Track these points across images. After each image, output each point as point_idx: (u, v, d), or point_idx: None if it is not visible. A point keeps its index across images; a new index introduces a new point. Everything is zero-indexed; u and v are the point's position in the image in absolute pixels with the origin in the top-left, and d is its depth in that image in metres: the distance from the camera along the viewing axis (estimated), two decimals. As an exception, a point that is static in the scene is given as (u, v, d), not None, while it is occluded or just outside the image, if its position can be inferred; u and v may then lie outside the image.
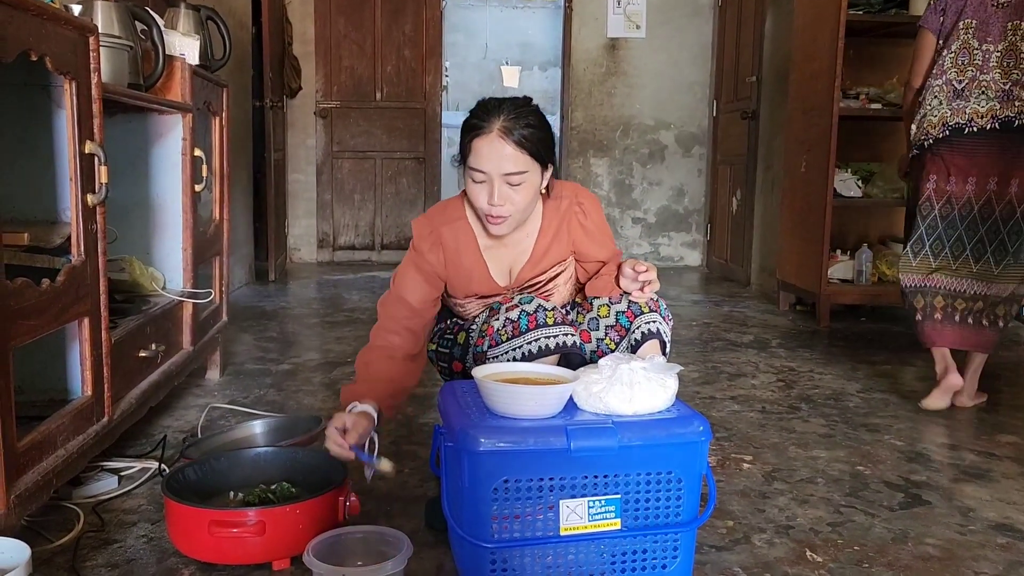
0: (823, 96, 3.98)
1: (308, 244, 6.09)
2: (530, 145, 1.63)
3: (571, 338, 1.66)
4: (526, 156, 1.64)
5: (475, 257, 1.81)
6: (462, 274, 1.81)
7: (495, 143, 1.62)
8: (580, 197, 1.83)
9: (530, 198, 1.69)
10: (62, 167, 1.73)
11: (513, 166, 1.63)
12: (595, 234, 1.84)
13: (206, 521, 1.47)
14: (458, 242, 1.79)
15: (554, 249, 1.82)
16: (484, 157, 1.64)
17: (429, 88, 6.04)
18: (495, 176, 1.64)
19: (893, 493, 1.96)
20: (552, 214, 1.82)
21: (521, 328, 1.65)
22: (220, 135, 2.76)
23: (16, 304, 1.40)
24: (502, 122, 1.63)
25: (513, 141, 1.62)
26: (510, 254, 1.82)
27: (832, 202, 3.95)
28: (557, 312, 1.69)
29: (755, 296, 4.93)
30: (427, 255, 1.78)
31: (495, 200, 1.65)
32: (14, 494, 1.37)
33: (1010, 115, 2.53)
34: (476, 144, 1.65)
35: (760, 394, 2.80)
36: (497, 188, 1.64)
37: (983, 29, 2.57)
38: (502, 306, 1.72)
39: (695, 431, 1.43)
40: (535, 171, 1.67)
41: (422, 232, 1.80)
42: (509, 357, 1.65)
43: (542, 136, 1.66)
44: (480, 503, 1.37)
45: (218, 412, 2.46)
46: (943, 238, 2.66)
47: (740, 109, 5.38)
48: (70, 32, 1.59)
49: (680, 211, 6.27)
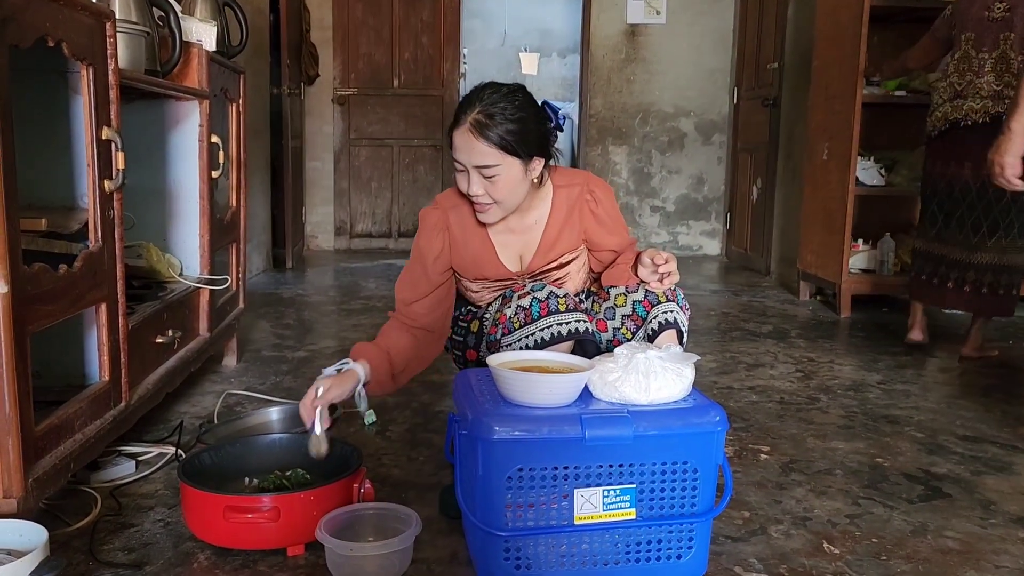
0: (846, 83, 3.92)
1: (325, 232, 6.10)
2: (501, 140, 1.62)
3: (583, 324, 1.65)
4: (496, 151, 1.63)
5: (482, 239, 1.81)
6: (469, 255, 1.81)
7: (466, 136, 1.64)
8: (592, 185, 1.82)
9: (508, 190, 1.68)
10: (79, 153, 1.74)
11: (483, 160, 1.64)
12: (607, 222, 1.83)
13: (221, 506, 1.47)
14: (464, 224, 1.81)
15: (565, 237, 1.81)
16: (458, 149, 1.66)
17: (447, 75, 6.03)
18: (470, 167, 1.66)
19: (913, 485, 1.94)
20: (562, 202, 1.81)
21: (533, 315, 1.64)
22: (237, 122, 2.76)
23: (33, 289, 1.40)
24: (474, 115, 1.63)
25: (483, 137, 1.62)
26: (519, 240, 1.82)
27: (854, 191, 3.90)
28: (569, 299, 1.68)
29: (775, 286, 4.88)
30: (431, 245, 1.80)
31: (472, 191, 1.67)
32: (32, 478, 1.38)
33: (1000, 111, 2.89)
34: (453, 135, 1.67)
35: (778, 384, 2.78)
36: (473, 179, 1.66)
37: (980, 40, 3.00)
38: (514, 294, 1.71)
39: (711, 421, 1.42)
40: (510, 164, 1.65)
41: (428, 221, 1.82)
42: (522, 345, 1.64)
43: (521, 129, 1.64)
44: (494, 491, 1.37)
45: (234, 398, 2.47)
46: (947, 213, 3.12)
47: (761, 96, 5.33)
48: (87, 18, 1.59)
49: (699, 200, 6.23)
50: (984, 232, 3.03)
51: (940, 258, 3.16)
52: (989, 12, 2.98)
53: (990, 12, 2.97)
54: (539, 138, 1.69)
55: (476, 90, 1.67)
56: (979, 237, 3.04)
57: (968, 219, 3.05)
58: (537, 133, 1.68)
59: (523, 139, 1.64)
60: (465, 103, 1.66)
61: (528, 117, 1.66)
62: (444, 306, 1.85)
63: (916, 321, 3.34)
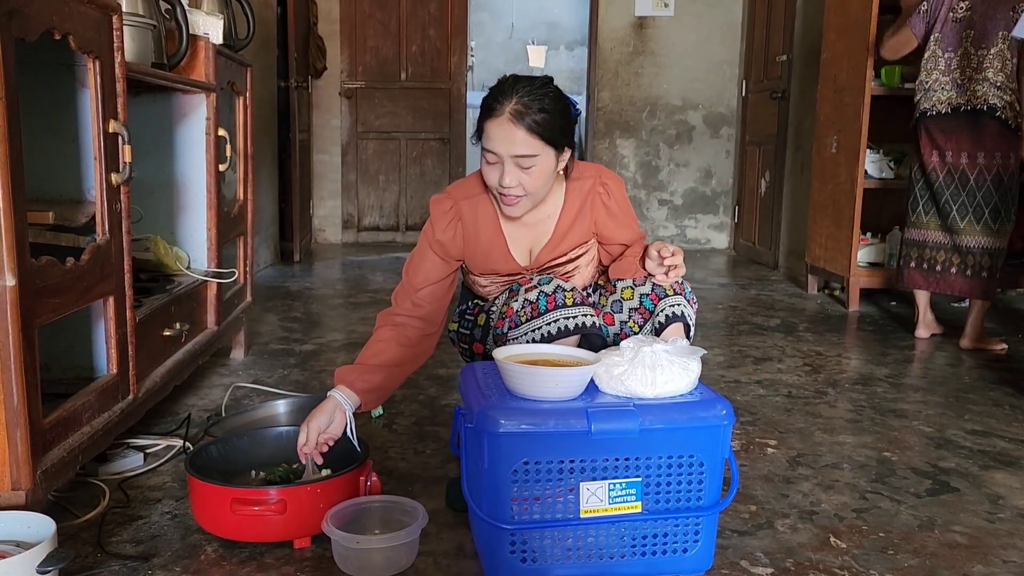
0: (855, 75, 3.90)
1: (333, 225, 6.11)
2: (542, 130, 1.61)
3: (590, 319, 1.65)
4: (537, 140, 1.62)
5: (494, 232, 1.80)
6: (480, 249, 1.80)
7: (505, 126, 1.61)
8: (604, 178, 1.81)
9: (542, 181, 1.67)
10: (86, 146, 1.74)
11: (523, 150, 1.62)
12: (618, 215, 1.82)
13: (228, 499, 1.48)
14: (477, 216, 1.79)
15: (575, 230, 1.80)
16: (495, 139, 1.63)
17: (454, 68, 6.02)
18: (506, 158, 1.63)
19: (920, 479, 1.93)
20: (574, 195, 1.80)
21: (540, 309, 1.64)
22: (244, 115, 2.76)
23: (41, 282, 1.41)
24: (514, 105, 1.60)
25: (524, 126, 1.60)
26: (530, 234, 1.81)
27: (863, 184, 3.88)
28: (576, 292, 1.67)
29: (783, 279, 4.87)
30: (442, 234, 1.78)
31: (506, 182, 1.64)
32: (40, 470, 1.39)
33: (961, 103, 3.19)
34: (488, 126, 1.64)
35: (786, 378, 2.77)
36: (508, 170, 1.64)
37: (945, 40, 3.23)
38: (521, 287, 1.71)
39: (717, 415, 1.41)
40: (547, 155, 1.65)
41: (441, 208, 1.79)
42: (528, 339, 1.64)
43: (557, 120, 1.63)
44: (500, 485, 1.37)
45: (242, 391, 2.48)
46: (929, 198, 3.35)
47: (770, 89, 5.30)
48: (93, 11, 1.59)
49: (707, 193, 6.21)
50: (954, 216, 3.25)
51: (922, 243, 3.37)
52: (953, 12, 3.19)
53: (954, 12, 3.19)
54: (569, 129, 1.69)
55: (508, 81, 1.66)
56: (951, 220, 3.26)
57: (954, 204, 3.26)
58: (567, 124, 1.68)
59: (559, 128, 1.64)
60: (498, 93, 1.64)
61: (562, 108, 1.66)
62: (447, 298, 1.84)
63: (921, 317, 3.42)
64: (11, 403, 1.32)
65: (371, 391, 1.70)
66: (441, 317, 1.83)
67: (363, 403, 1.71)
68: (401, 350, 1.75)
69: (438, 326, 1.83)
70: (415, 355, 1.79)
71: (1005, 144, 3.12)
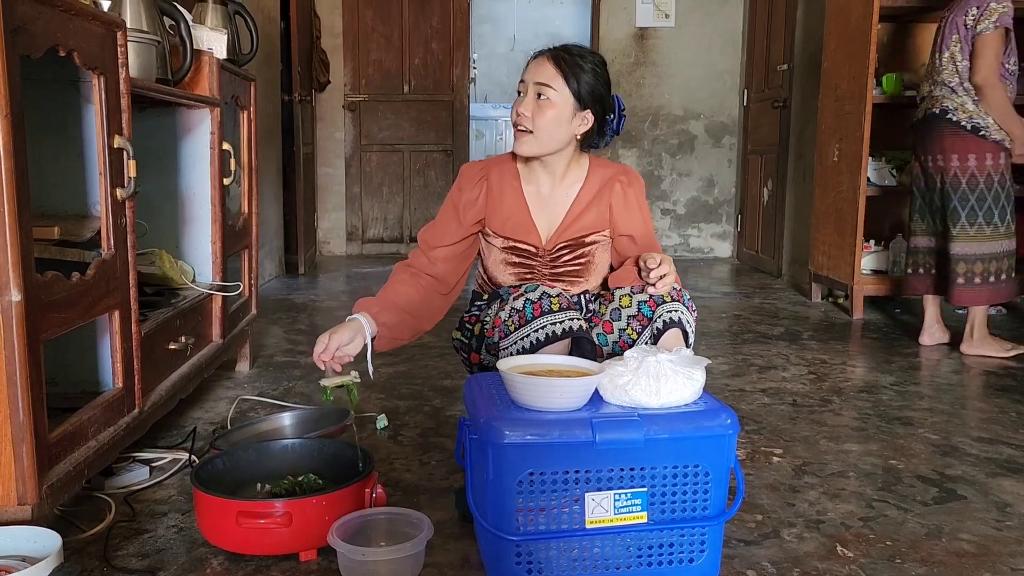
0: (856, 83, 3.91)
1: (337, 237, 6.13)
2: (569, 69, 1.75)
3: (577, 322, 1.66)
4: (561, 78, 1.75)
5: (518, 199, 1.89)
6: (503, 210, 1.89)
7: (540, 60, 1.79)
8: (628, 172, 1.93)
9: (553, 120, 1.77)
10: (91, 162, 1.75)
11: (545, 78, 1.76)
12: (634, 206, 1.89)
13: (234, 512, 1.48)
14: (503, 182, 1.90)
15: (591, 212, 1.87)
16: (529, 71, 1.80)
17: (457, 80, 6.04)
18: (530, 85, 1.78)
19: (927, 487, 1.93)
20: (595, 177, 1.89)
21: (527, 317, 1.66)
22: (248, 129, 2.78)
23: (46, 297, 1.41)
24: (559, 51, 1.78)
25: (554, 60, 1.76)
26: (549, 209, 1.89)
27: (865, 191, 3.88)
28: (562, 298, 1.70)
29: (786, 288, 4.87)
30: (467, 193, 1.89)
31: (521, 108, 1.78)
32: (46, 484, 1.39)
33: (928, 108, 3.24)
34: (530, 64, 1.81)
35: (791, 387, 2.76)
36: (528, 98, 1.78)
37: (937, 45, 3.24)
38: (509, 296, 1.75)
39: (722, 424, 1.41)
40: (565, 96, 1.76)
41: (470, 171, 1.92)
42: (519, 347, 1.65)
43: (585, 75, 1.76)
44: (505, 496, 1.37)
45: (247, 404, 2.49)
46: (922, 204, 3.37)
47: (771, 98, 5.31)
48: (98, 27, 1.60)
49: (710, 202, 6.21)
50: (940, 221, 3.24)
51: (916, 249, 3.40)
52: (943, 19, 3.22)
53: (943, 19, 3.22)
54: (599, 98, 1.80)
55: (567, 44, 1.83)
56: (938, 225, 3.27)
57: (930, 208, 3.31)
58: (598, 92, 1.80)
59: (586, 84, 1.77)
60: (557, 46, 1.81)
61: (599, 75, 1.80)
62: (463, 262, 1.93)
63: (926, 324, 3.41)
64: (17, 418, 1.33)
65: (388, 327, 1.78)
66: (455, 280, 1.92)
67: (377, 338, 1.77)
68: (417, 295, 1.85)
69: (450, 288, 1.92)
70: (428, 310, 1.87)
71: (966, 147, 3.11)
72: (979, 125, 3.08)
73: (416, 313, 1.83)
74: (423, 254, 1.90)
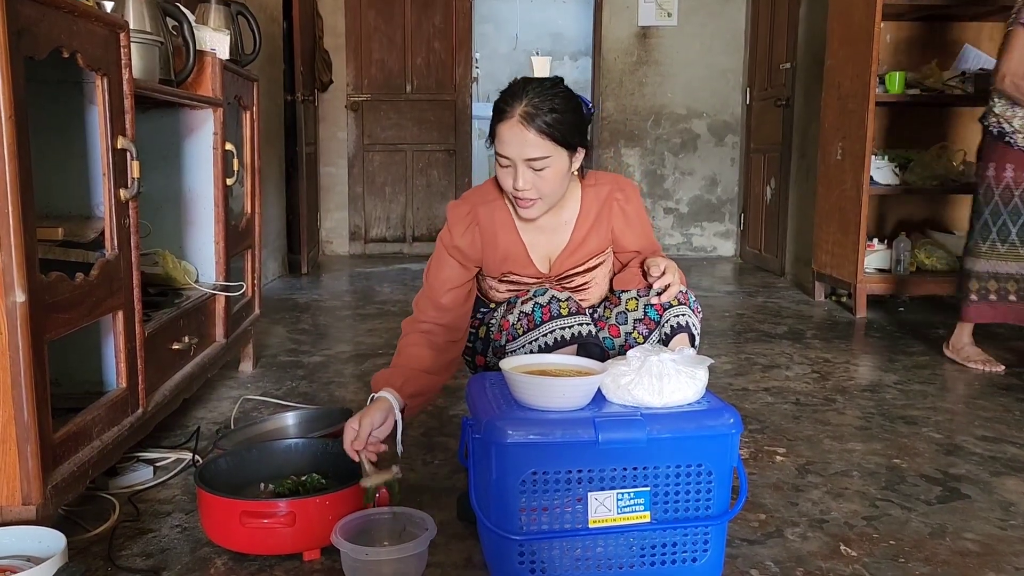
0: (859, 82, 3.90)
1: (340, 237, 6.13)
2: (552, 131, 1.60)
3: (586, 327, 1.65)
4: (548, 142, 1.61)
5: (512, 236, 1.79)
6: (498, 253, 1.80)
7: (516, 129, 1.61)
8: (621, 184, 1.83)
9: (557, 182, 1.67)
10: (95, 162, 1.76)
11: (535, 152, 1.61)
12: (635, 221, 1.83)
13: (237, 512, 1.48)
14: (494, 221, 1.78)
15: (592, 238, 1.80)
16: (507, 143, 1.63)
17: (459, 80, 6.04)
18: (518, 161, 1.63)
19: (931, 487, 1.93)
20: (591, 201, 1.80)
21: (536, 321, 1.64)
22: (251, 129, 2.78)
23: (51, 298, 1.42)
24: (524, 107, 1.60)
25: (534, 128, 1.60)
26: (548, 240, 1.81)
27: (868, 190, 3.88)
28: (571, 302, 1.68)
29: (790, 286, 4.86)
30: (459, 239, 1.77)
31: (519, 185, 1.64)
32: (51, 484, 1.39)
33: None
34: (499, 129, 1.64)
35: (794, 386, 2.76)
36: (521, 173, 1.63)
37: None
38: (518, 299, 1.72)
39: (725, 423, 1.41)
40: (560, 156, 1.64)
41: (457, 214, 1.79)
42: (526, 350, 1.64)
43: (568, 120, 1.62)
44: (508, 495, 1.37)
45: (251, 404, 2.49)
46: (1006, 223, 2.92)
47: (774, 96, 5.31)
48: (101, 29, 1.61)
49: (713, 201, 6.21)
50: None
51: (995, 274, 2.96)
52: None
53: None
54: (581, 129, 1.68)
55: (518, 84, 1.65)
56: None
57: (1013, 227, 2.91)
58: (579, 124, 1.67)
59: (570, 129, 1.63)
60: (509, 97, 1.63)
61: (572, 107, 1.65)
62: (469, 303, 1.83)
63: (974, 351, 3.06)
64: (21, 418, 1.33)
65: (414, 396, 1.67)
66: (465, 324, 1.82)
67: (407, 409, 1.66)
68: (432, 355, 1.73)
69: (463, 332, 1.82)
70: (446, 362, 1.76)
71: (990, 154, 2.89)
72: (1004, 131, 2.85)
73: (436, 371, 1.73)
74: (430, 306, 1.77)
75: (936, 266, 4.06)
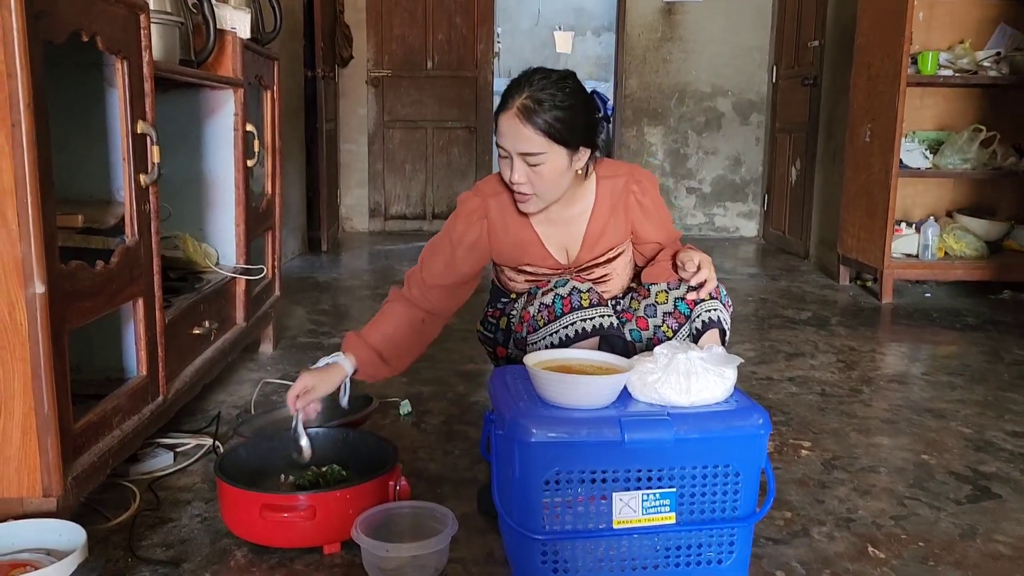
0: (890, 62, 3.80)
1: (360, 214, 6.11)
2: (549, 127, 1.56)
3: (608, 319, 1.62)
4: (543, 138, 1.57)
5: (525, 229, 1.77)
6: (509, 244, 1.77)
7: (512, 121, 1.58)
8: (637, 175, 1.78)
9: (553, 179, 1.63)
10: (115, 146, 1.73)
11: (529, 147, 1.58)
12: (653, 213, 1.79)
13: (258, 505, 1.47)
14: (504, 213, 1.76)
15: (610, 230, 1.77)
16: (503, 134, 1.60)
17: (480, 56, 5.97)
18: (513, 154, 1.60)
19: (960, 485, 1.89)
20: (606, 193, 1.76)
21: (556, 312, 1.61)
22: (272, 108, 2.75)
23: (71, 287, 1.40)
24: (522, 100, 1.57)
25: (530, 123, 1.56)
26: (563, 232, 1.77)
27: (898, 174, 3.80)
28: (592, 293, 1.64)
29: (814, 270, 4.79)
30: (465, 233, 1.76)
31: (514, 178, 1.62)
32: (71, 475, 1.39)
33: None
34: (499, 119, 1.61)
35: (819, 375, 2.72)
36: (516, 166, 1.61)
37: None
38: (538, 290, 1.69)
39: (754, 424, 1.38)
40: (556, 154, 1.59)
41: (468, 206, 1.77)
42: (547, 343, 1.61)
43: (570, 118, 1.58)
44: (531, 494, 1.35)
45: (271, 387, 2.48)
46: None
47: (801, 75, 5.20)
48: (121, 10, 1.57)
49: (736, 181, 6.12)
50: None
51: None
52: None
53: None
54: (587, 128, 1.63)
55: (525, 74, 1.61)
56: None
57: None
58: (585, 123, 1.62)
59: (571, 127, 1.58)
60: (513, 87, 1.60)
61: (577, 105, 1.60)
62: (461, 297, 1.82)
63: None
64: (42, 410, 1.32)
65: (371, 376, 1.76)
66: (450, 312, 1.83)
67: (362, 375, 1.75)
68: (409, 333, 1.77)
69: (444, 319, 1.84)
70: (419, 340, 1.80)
71: None
72: None
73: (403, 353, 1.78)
74: (418, 284, 1.76)
75: (965, 252, 3.98)
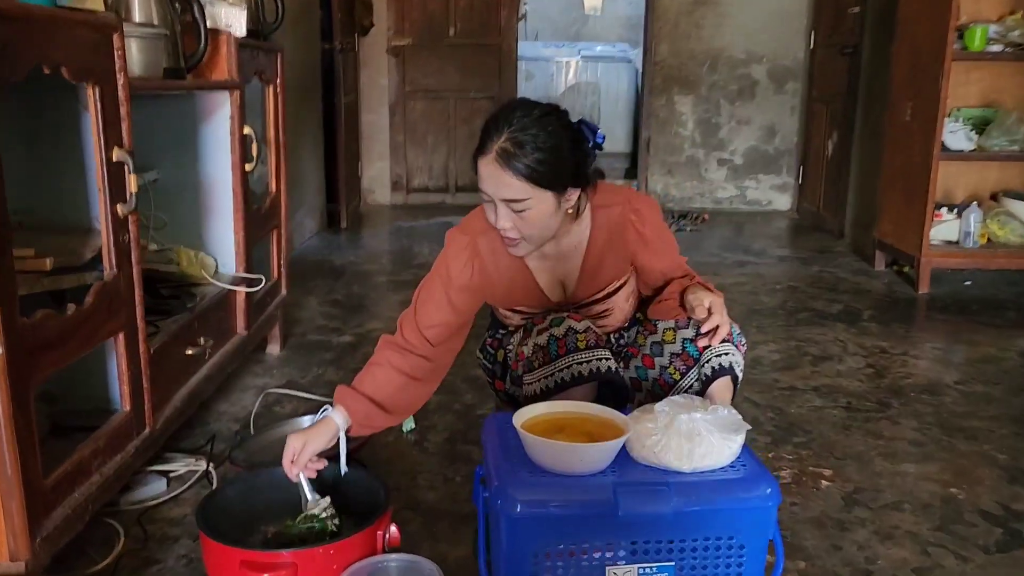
0: (935, 36, 3.57)
1: (382, 186, 6.00)
2: (531, 172, 1.44)
3: (605, 362, 1.51)
4: (526, 184, 1.45)
5: (518, 267, 1.65)
6: (503, 285, 1.66)
7: (492, 167, 1.46)
8: (635, 203, 1.64)
9: (540, 223, 1.50)
10: (92, 173, 1.65)
11: (512, 193, 1.46)
12: (654, 242, 1.66)
13: (237, 561, 1.41)
14: (496, 250, 1.63)
15: (608, 262, 1.65)
16: (484, 179, 1.48)
17: (504, 22, 5.77)
18: (497, 200, 1.48)
19: (991, 528, 1.77)
20: (602, 224, 1.64)
21: (551, 355, 1.51)
22: (275, 103, 2.64)
23: (36, 338, 1.33)
24: (501, 143, 1.44)
25: (511, 169, 1.44)
26: (558, 267, 1.66)
27: (939, 157, 3.59)
28: (590, 333, 1.53)
29: (847, 252, 4.60)
30: (457, 275, 1.61)
31: (499, 224, 1.50)
32: (40, 537, 1.33)
33: None
34: (478, 164, 1.49)
35: (846, 384, 2.59)
36: (500, 212, 1.49)
37: None
38: (534, 327, 1.58)
39: (762, 494, 1.28)
40: (543, 198, 1.47)
41: (456, 246, 1.63)
42: (542, 385, 1.52)
43: (554, 160, 1.45)
44: (520, 567, 1.27)
45: (273, 397, 2.42)
46: None
47: (840, 43, 4.94)
48: (88, 33, 1.47)
49: (770, 152, 5.90)
50: None
51: None
52: None
53: None
54: (575, 166, 1.50)
55: (504, 111, 1.48)
56: None
57: None
58: (572, 162, 1.49)
59: (555, 170, 1.46)
60: (491, 125, 1.47)
61: (562, 145, 1.47)
62: (459, 340, 1.67)
63: None
64: (4, 473, 1.26)
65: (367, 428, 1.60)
66: (450, 360, 1.68)
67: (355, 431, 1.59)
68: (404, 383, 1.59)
69: (443, 370, 1.67)
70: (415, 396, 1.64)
71: None
72: None
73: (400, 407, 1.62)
74: (415, 333, 1.61)
75: (1010, 239, 3.77)
